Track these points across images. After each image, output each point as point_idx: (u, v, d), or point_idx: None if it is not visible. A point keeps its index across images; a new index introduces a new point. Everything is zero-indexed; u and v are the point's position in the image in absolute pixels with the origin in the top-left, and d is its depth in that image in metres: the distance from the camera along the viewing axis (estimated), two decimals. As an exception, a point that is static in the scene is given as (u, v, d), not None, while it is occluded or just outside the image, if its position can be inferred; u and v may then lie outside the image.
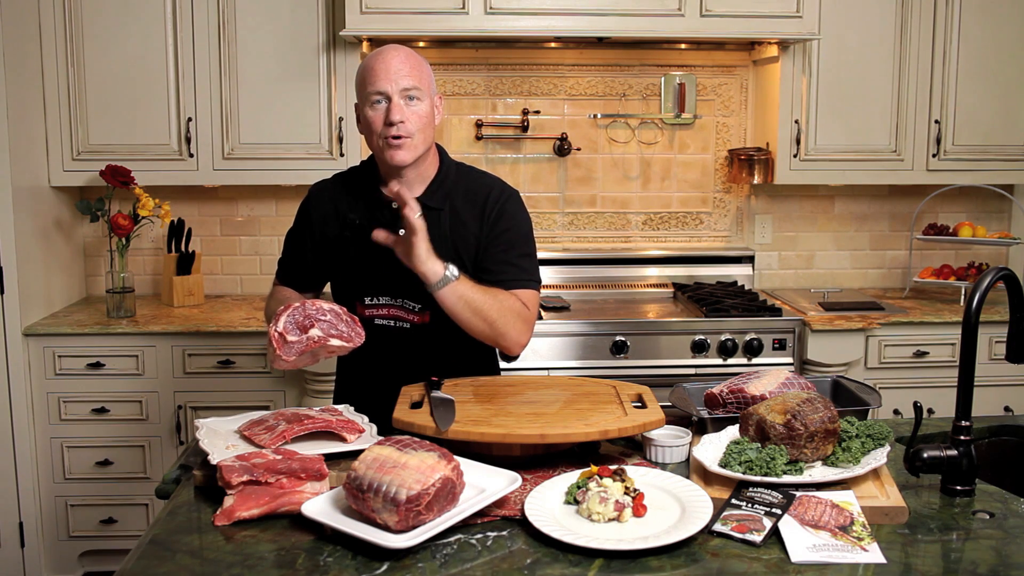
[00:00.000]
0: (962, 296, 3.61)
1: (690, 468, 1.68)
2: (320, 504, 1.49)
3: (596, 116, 3.74)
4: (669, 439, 1.77)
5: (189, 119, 3.35)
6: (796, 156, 3.52)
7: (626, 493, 1.49)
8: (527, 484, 1.61)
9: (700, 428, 1.87)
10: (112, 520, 3.25)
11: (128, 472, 3.23)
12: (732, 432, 1.75)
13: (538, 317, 2.24)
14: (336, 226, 2.09)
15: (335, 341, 1.79)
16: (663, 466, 1.73)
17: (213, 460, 1.61)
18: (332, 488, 1.56)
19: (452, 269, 1.88)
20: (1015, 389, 3.38)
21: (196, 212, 3.70)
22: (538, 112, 3.72)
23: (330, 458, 1.66)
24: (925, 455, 1.59)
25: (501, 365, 2.23)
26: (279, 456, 1.59)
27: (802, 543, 1.39)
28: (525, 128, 3.71)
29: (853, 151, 3.54)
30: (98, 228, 3.64)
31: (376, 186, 2.07)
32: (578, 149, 3.75)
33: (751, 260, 3.83)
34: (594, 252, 3.77)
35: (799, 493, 1.53)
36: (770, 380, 1.88)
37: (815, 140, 3.52)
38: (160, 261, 3.69)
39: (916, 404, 1.62)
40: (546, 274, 3.57)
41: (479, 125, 3.71)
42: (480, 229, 2.04)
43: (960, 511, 1.55)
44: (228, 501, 1.51)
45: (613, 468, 1.54)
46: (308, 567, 1.35)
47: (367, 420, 1.87)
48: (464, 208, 2.05)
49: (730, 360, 3.22)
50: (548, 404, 1.83)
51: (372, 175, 2.10)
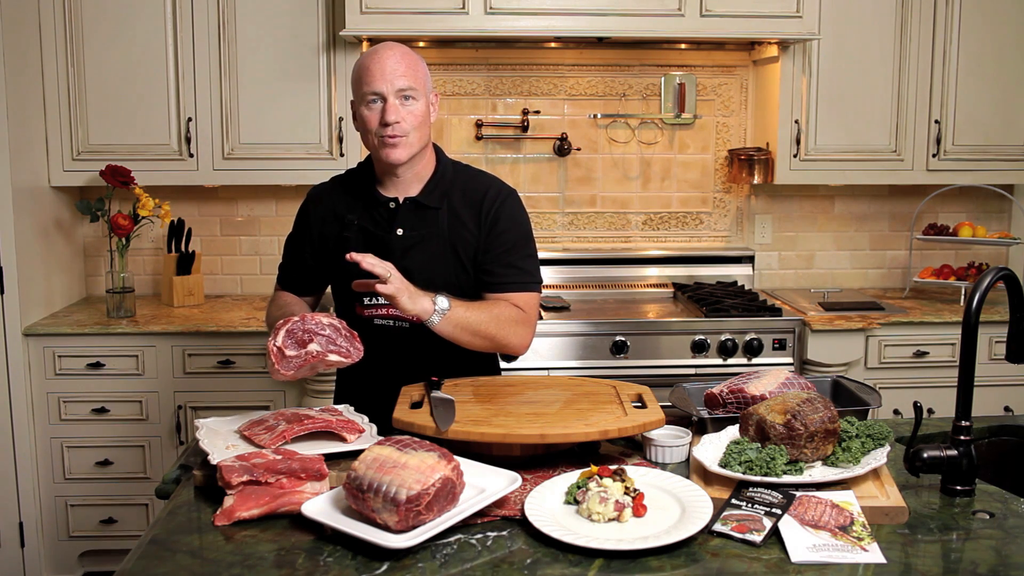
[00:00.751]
0: (962, 296, 3.61)
1: (690, 468, 1.68)
2: (320, 504, 1.49)
3: (596, 116, 3.74)
4: (669, 439, 1.77)
5: (189, 119, 3.35)
6: (796, 156, 3.52)
7: (626, 493, 1.49)
8: (527, 484, 1.61)
9: (700, 428, 1.87)
10: (112, 520, 3.25)
11: (128, 472, 3.23)
12: (732, 432, 1.75)
13: (539, 317, 2.24)
14: (335, 227, 2.09)
15: (333, 356, 1.79)
16: (663, 466, 1.73)
17: (213, 460, 1.61)
18: (332, 488, 1.56)
19: (441, 301, 1.87)
20: (1015, 389, 3.38)
21: (196, 212, 3.70)
22: (538, 112, 3.72)
23: (330, 458, 1.66)
24: (925, 455, 1.59)
25: (502, 365, 2.24)
26: (279, 456, 1.60)
27: (802, 543, 1.39)
28: (525, 128, 3.71)
29: (853, 151, 3.54)
30: (98, 228, 3.64)
31: (373, 186, 2.08)
32: (578, 149, 3.75)
33: (751, 260, 3.83)
34: (594, 252, 3.77)
35: (799, 493, 1.53)
36: (770, 380, 1.88)
37: (815, 140, 3.52)
38: (160, 261, 3.70)
39: (916, 404, 1.62)
40: (546, 274, 3.56)
41: (479, 125, 3.71)
42: (479, 228, 2.04)
43: (960, 511, 1.55)
44: (228, 501, 1.51)
45: (613, 468, 1.54)
46: (308, 567, 1.35)
47: (367, 420, 1.87)
48: (462, 207, 2.04)
49: (730, 360, 3.22)
50: (548, 404, 1.83)
51: (369, 175, 2.10)
